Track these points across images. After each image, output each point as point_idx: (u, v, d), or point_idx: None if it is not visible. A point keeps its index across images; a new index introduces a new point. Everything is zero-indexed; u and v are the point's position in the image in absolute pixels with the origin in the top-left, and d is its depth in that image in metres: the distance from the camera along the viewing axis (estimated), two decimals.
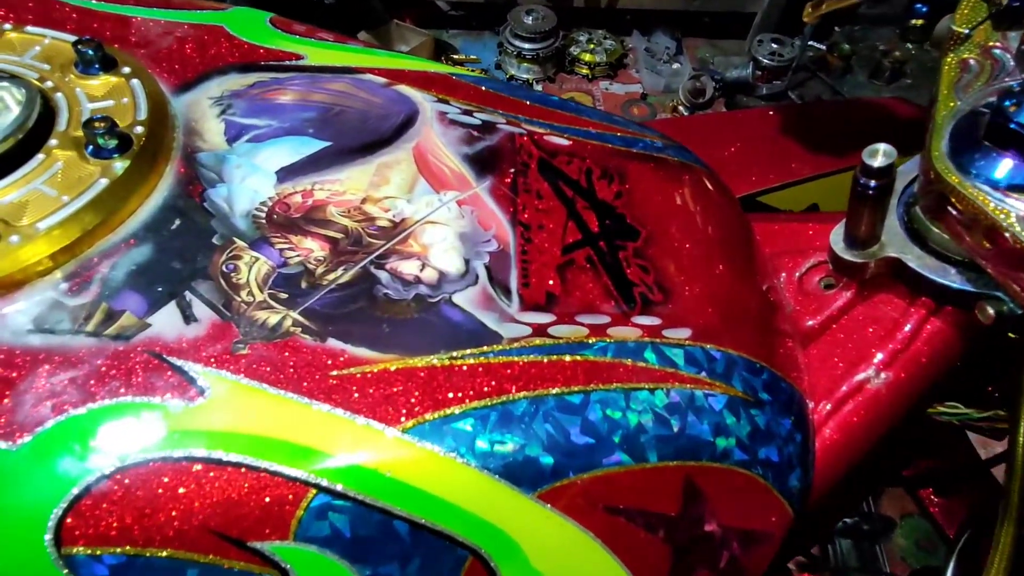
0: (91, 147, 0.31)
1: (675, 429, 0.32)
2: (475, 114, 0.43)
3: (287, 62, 0.42)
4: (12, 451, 0.24)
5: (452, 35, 1.90)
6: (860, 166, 0.35)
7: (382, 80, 0.43)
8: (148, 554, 0.24)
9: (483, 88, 0.46)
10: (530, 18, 1.78)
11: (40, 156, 0.31)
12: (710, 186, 0.47)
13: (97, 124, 0.31)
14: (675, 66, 1.89)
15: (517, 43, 1.79)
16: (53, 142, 0.31)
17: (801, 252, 0.47)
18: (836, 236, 0.41)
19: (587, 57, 1.86)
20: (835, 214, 0.45)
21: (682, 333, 0.35)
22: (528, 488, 0.29)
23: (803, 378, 0.41)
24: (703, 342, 0.35)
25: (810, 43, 1.86)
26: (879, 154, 0.34)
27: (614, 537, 0.32)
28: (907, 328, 0.41)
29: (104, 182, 0.30)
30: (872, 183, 0.35)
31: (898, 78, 1.72)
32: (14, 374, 0.25)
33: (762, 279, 0.44)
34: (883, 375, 0.41)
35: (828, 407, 0.41)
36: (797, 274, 0.46)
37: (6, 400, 0.25)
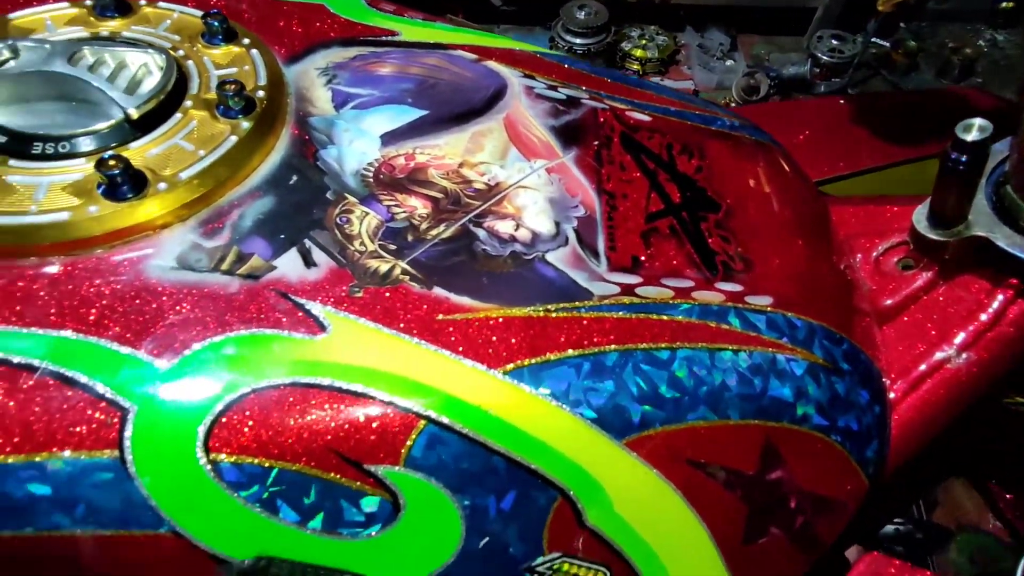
0: (222, 108, 0.34)
1: (757, 389, 0.33)
2: (560, 89, 0.44)
3: (383, 37, 0.45)
4: (163, 370, 0.27)
5: (503, 30, 1.91)
6: (952, 141, 0.35)
7: (472, 56, 0.45)
8: (281, 466, 0.27)
9: (566, 66, 0.47)
10: (582, 13, 1.78)
11: (178, 115, 0.34)
12: (786, 166, 0.47)
13: (228, 87, 0.33)
14: (728, 63, 1.86)
15: (569, 38, 1.79)
16: (188, 103, 0.34)
17: (878, 233, 0.47)
18: (919, 215, 0.41)
19: (638, 53, 1.85)
20: (912, 197, 0.45)
21: (764, 300, 0.36)
22: (616, 435, 0.31)
23: (879, 356, 0.41)
24: (784, 310, 0.36)
25: (873, 39, 1.81)
26: (974, 128, 0.34)
27: (693, 490, 0.33)
28: (992, 308, 0.40)
29: (234, 139, 0.33)
30: (963, 158, 0.35)
31: (967, 76, 1.66)
32: (162, 305, 0.28)
33: (839, 258, 0.44)
34: (964, 355, 0.41)
35: (905, 385, 0.41)
36: (874, 254, 0.46)
37: (158, 327, 0.27)
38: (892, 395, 0.40)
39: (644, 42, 1.88)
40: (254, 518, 0.27)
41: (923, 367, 0.41)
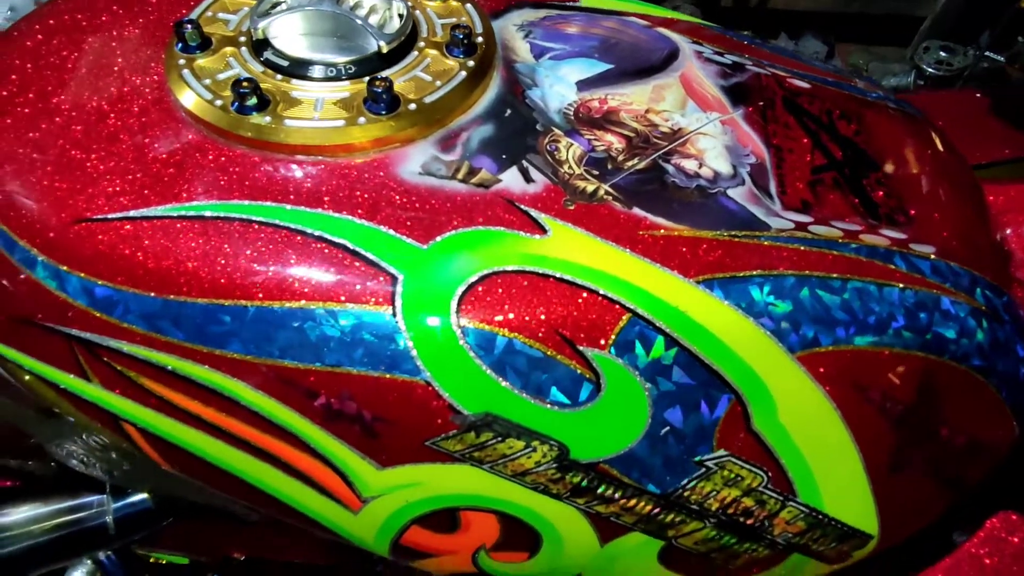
0: (451, 48, 0.40)
1: (922, 323, 0.35)
2: (725, 55, 0.48)
3: (567, 3, 0.50)
4: (422, 248, 0.32)
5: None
6: None
7: (644, 22, 0.49)
8: (512, 337, 0.32)
9: (728, 36, 0.51)
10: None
11: (415, 53, 0.39)
12: (939, 139, 0.49)
13: (459, 30, 0.39)
14: None
15: None
16: (421, 44, 0.40)
17: None
18: None
19: None
20: None
21: (927, 249, 0.38)
22: (789, 348, 0.34)
23: None
24: (947, 260, 0.38)
25: (987, 53, 1.73)
26: None
27: (851, 412, 0.36)
28: None
29: (463, 74, 0.39)
30: None
31: None
32: (417, 200, 0.34)
33: (992, 228, 0.46)
34: None
35: None
36: None
37: (416, 216, 0.33)
38: None
39: None
40: (486, 378, 0.32)
41: None
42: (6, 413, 0.53)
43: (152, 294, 0.31)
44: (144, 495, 0.67)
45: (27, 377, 0.35)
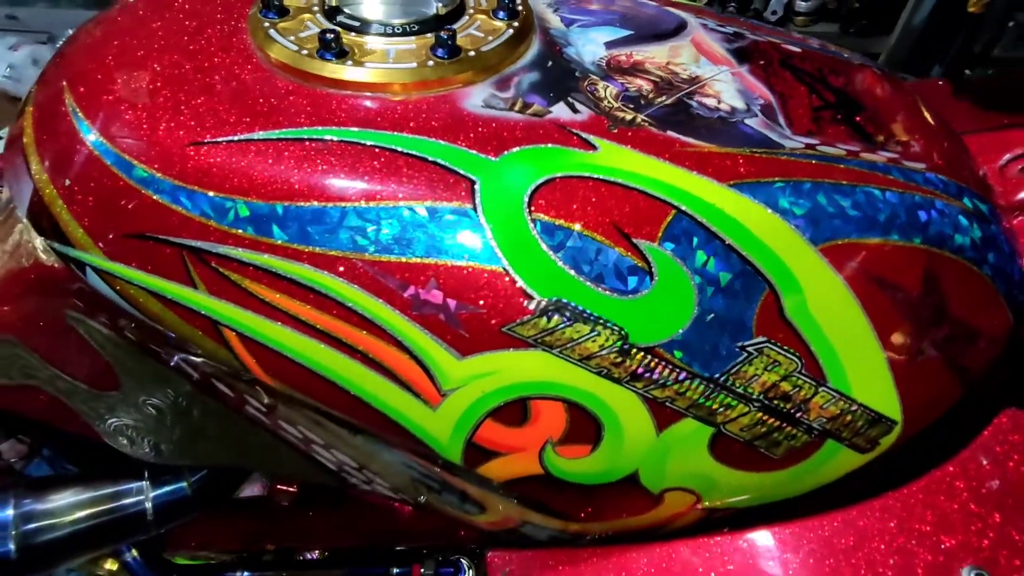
0: (498, 12, 0.46)
1: (922, 220, 0.41)
2: (726, 27, 0.55)
3: None
4: (494, 160, 0.37)
5: None
6: None
7: (652, 3, 0.56)
8: (576, 230, 0.36)
9: (725, 15, 0.58)
10: None
11: (466, 16, 0.45)
12: (918, 97, 0.56)
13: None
14: None
15: None
16: (471, 10, 0.46)
17: (1000, 150, 0.55)
18: None
19: None
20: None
21: (919, 165, 0.44)
22: (813, 240, 0.39)
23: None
24: (937, 174, 0.44)
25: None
26: None
27: (869, 301, 0.40)
28: None
29: (510, 32, 0.44)
30: None
31: None
32: (491, 126, 0.39)
33: (974, 163, 0.52)
34: None
35: None
36: (999, 164, 0.54)
37: (482, 134, 0.38)
38: None
39: None
40: (555, 266, 0.36)
41: None
42: (78, 373, 0.55)
43: (259, 200, 0.35)
44: (182, 483, 0.68)
45: (133, 291, 0.38)
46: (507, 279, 0.36)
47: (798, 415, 0.41)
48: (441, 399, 0.38)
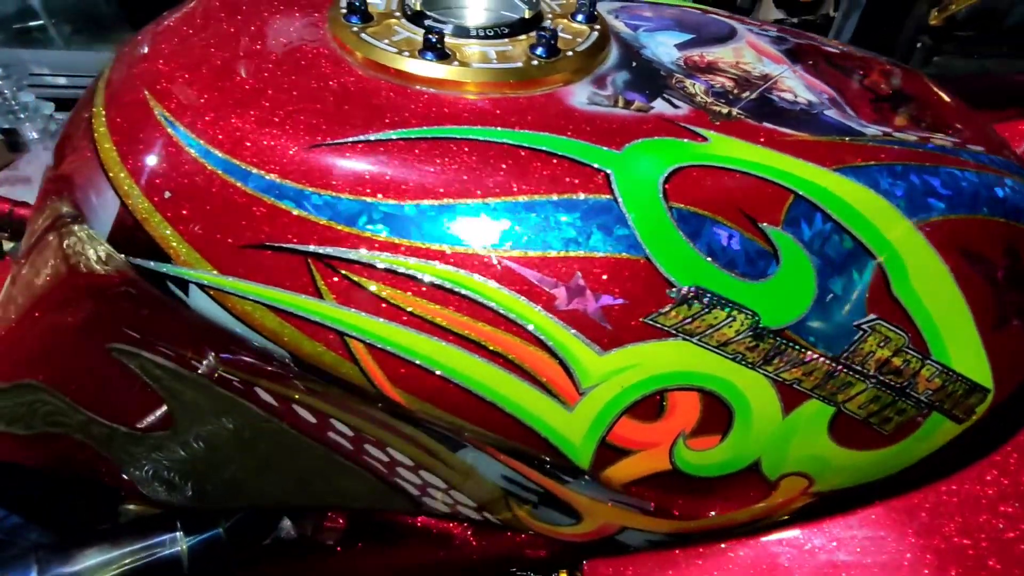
0: (576, 15, 0.46)
1: (1000, 196, 0.43)
2: (768, 31, 0.57)
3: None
4: (618, 153, 0.37)
5: None
6: None
7: (699, 10, 0.58)
8: (709, 216, 0.36)
9: (754, 21, 0.61)
10: None
11: (548, 20, 0.46)
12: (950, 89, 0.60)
13: (586, 5, 0.46)
14: None
15: None
16: (548, 14, 0.46)
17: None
18: None
19: None
20: None
21: (978, 148, 0.47)
22: (912, 217, 0.41)
23: None
24: (995, 155, 0.47)
25: None
26: None
27: (961, 274, 0.42)
28: None
29: (595, 34, 0.45)
30: None
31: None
32: (604, 122, 0.39)
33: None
34: None
35: None
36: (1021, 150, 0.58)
37: (599, 129, 0.38)
38: None
39: None
40: (692, 253, 0.36)
41: None
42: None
43: (394, 201, 0.34)
44: (217, 529, 0.63)
45: (248, 307, 0.35)
46: (649, 268, 0.36)
47: (908, 389, 0.43)
48: (579, 398, 0.37)
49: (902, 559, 0.43)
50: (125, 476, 0.62)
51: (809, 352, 0.39)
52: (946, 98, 0.56)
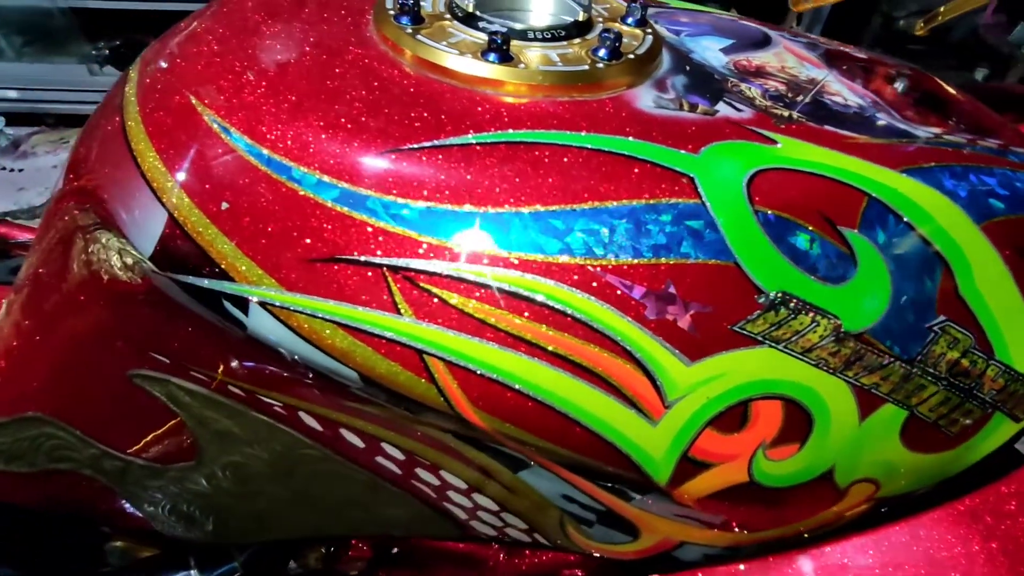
0: (626, 19, 0.45)
1: None
2: (798, 36, 0.58)
3: (663, 3, 0.58)
4: (696, 156, 0.36)
5: None
6: None
7: (730, 16, 0.58)
8: (792, 218, 0.35)
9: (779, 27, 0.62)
10: None
11: (600, 24, 0.44)
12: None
13: (636, 5, 0.45)
14: None
15: None
16: (599, 18, 0.45)
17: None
18: None
19: None
20: None
21: (1020, 149, 0.48)
22: (976, 219, 0.41)
23: None
24: None
25: None
26: None
27: (1019, 274, 0.43)
28: None
29: (650, 38, 0.44)
30: None
31: None
32: (676, 125, 0.38)
33: None
34: None
35: None
36: None
37: (673, 132, 0.37)
38: None
39: None
40: (778, 258, 0.35)
41: None
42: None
43: (479, 208, 0.32)
44: (233, 563, 0.59)
45: (317, 325, 0.32)
46: (739, 274, 0.35)
47: (975, 390, 0.43)
48: (664, 411, 0.36)
49: (974, 563, 0.43)
50: (135, 512, 0.57)
51: (887, 356, 0.39)
52: (973, 102, 0.58)
